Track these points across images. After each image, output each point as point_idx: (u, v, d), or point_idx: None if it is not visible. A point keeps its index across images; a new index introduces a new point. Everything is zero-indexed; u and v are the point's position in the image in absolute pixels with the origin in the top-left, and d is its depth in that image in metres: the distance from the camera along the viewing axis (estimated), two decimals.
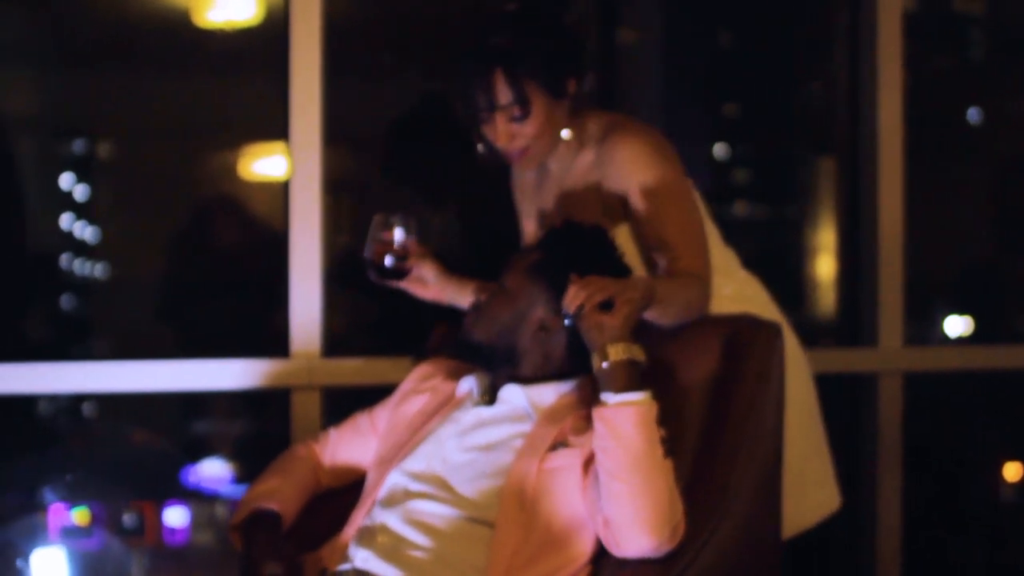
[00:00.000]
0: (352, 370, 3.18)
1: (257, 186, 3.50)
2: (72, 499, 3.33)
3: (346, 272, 3.29)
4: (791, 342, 2.63)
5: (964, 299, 4.07)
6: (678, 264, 2.44)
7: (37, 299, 3.46)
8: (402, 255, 2.58)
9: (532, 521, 2.18)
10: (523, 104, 2.43)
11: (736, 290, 2.66)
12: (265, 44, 3.35)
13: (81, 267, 3.51)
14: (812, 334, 3.52)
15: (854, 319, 3.67)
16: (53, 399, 3.39)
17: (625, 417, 2.10)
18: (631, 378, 2.12)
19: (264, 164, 3.46)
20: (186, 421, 3.59)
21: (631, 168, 2.48)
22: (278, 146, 3.31)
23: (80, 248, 3.51)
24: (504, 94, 2.43)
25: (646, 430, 2.10)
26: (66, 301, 3.52)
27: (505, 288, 2.38)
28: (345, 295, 3.38)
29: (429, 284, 2.65)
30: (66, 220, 3.50)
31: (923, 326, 3.99)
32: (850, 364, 3.61)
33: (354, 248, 2.69)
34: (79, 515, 3.35)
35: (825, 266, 3.91)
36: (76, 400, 3.44)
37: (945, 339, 4.06)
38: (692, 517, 2.18)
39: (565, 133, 2.53)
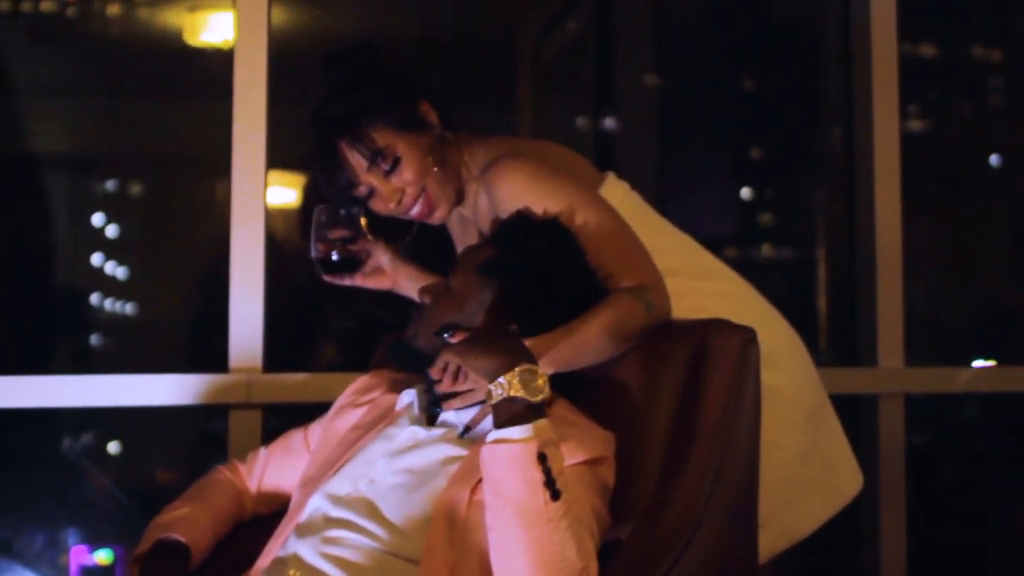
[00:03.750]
0: (295, 386, 2.97)
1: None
2: (95, 541, 3.22)
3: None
4: (783, 334, 2.48)
5: (989, 343, 3.95)
6: (616, 282, 2.19)
7: (65, 336, 3.43)
8: (351, 245, 2.38)
9: (462, 560, 1.91)
10: (382, 155, 2.27)
11: (698, 300, 2.41)
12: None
13: (112, 305, 3.50)
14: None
15: (853, 339, 3.51)
16: (75, 439, 3.34)
17: (495, 457, 1.83)
18: (511, 413, 1.84)
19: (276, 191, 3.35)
20: None
21: (517, 205, 2.23)
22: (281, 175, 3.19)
23: (111, 286, 3.50)
24: (358, 159, 2.28)
25: (520, 471, 1.81)
26: (95, 339, 3.50)
27: (451, 289, 2.14)
28: (289, 308, 3.16)
29: (385, 272, 2.44)
30: (97, 258, 3.49)
31: None
32: (848, 385, 3.41)
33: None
34: (102, 558, 3.21)
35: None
36: (100, 440, 3.38)
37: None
38: (653, 548, 1.94)
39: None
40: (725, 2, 3.95)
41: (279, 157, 3.14)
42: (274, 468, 2.34)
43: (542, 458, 1.81)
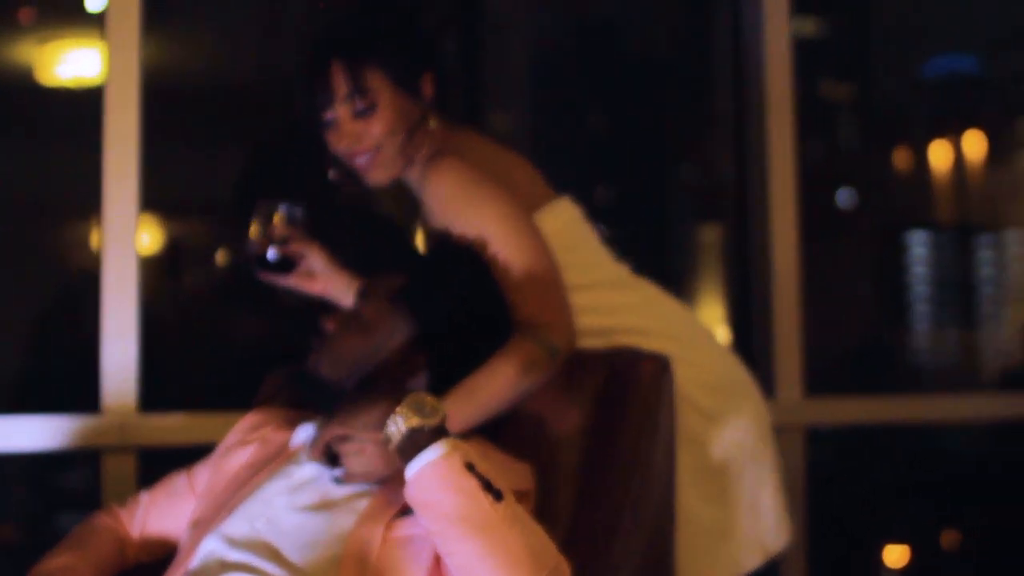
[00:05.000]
0: (173, 427, 2.81)
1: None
2: None
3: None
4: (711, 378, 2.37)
5: (853, 379, 3.97)
6: (518, 313, 2.12)
7: None
8: (287, 245, 2.31)
9: None
10: (363, 94, 2.20)
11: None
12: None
13: None
14: None
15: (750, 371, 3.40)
16: None
17: (422, 485, 1.75)
18: (419, 444, 1.76)
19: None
20: None
21: (443, 214, 2.20)
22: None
23: None
24: (342, 85, 2.21)
25: (452, 485, 1.73)
26: None
27: (360, 317, 2.05)
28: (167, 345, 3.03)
29: (317, 276, 2.35)
30: None
31: None
32: None
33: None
34: None
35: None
36: None
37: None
38: None
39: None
40: (595, 37, 3.91)
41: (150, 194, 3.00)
42: (157, 513, 2.19)
43: (469, 466, 1.74)
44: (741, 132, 3.51)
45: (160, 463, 2.65)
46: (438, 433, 1.76)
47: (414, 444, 1.75)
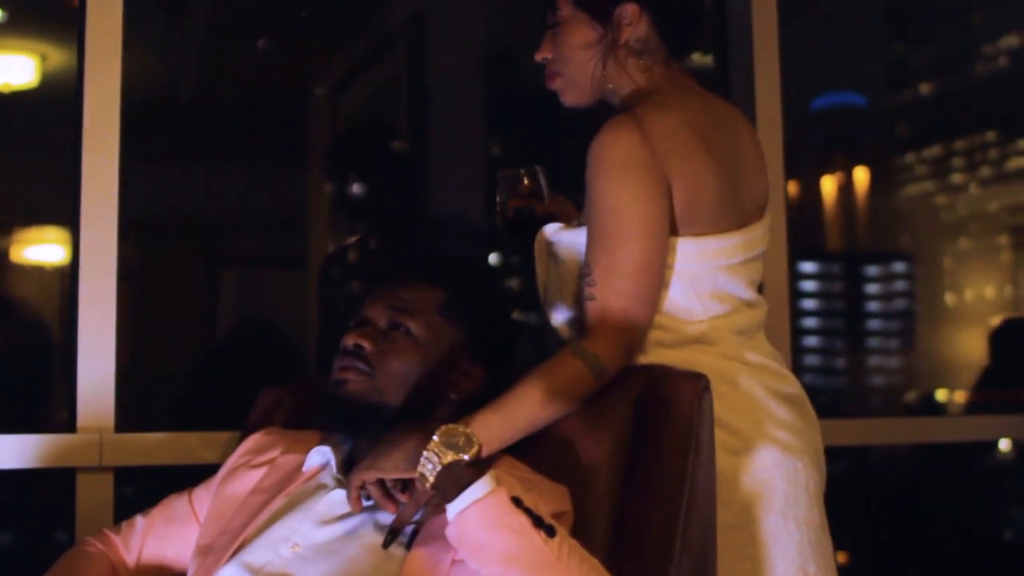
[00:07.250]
0: (154, 447, 2.62)
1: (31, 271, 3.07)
2: None
3: None
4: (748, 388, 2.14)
5: None
6: (589, 302, 2.01)
7: None
8: (534, 205, 2.30)
9: None
10: (553, 8, 2.16)
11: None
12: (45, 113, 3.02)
13: None
14: None
15: None
16: None
17: (469, 526, 1.63)
18: (458, 480, 1.64)
19: (39, 250, 3.08)
20: None
21: (587, 173, 2.04)
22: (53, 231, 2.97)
23: None
24: None
25: (502, 524, 1.62)
26: None
27: (408, 333, 1.94)
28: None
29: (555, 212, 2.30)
30: None
31: None
32: None
33: None
34: None
35: None
36: None
37: None
38: None
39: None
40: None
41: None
42: (155, 539, 2.06)
43: (517, 501, 1.63)
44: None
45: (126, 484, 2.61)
46: (476, 466, 1.64)
47: (453, 482, 1.63)
